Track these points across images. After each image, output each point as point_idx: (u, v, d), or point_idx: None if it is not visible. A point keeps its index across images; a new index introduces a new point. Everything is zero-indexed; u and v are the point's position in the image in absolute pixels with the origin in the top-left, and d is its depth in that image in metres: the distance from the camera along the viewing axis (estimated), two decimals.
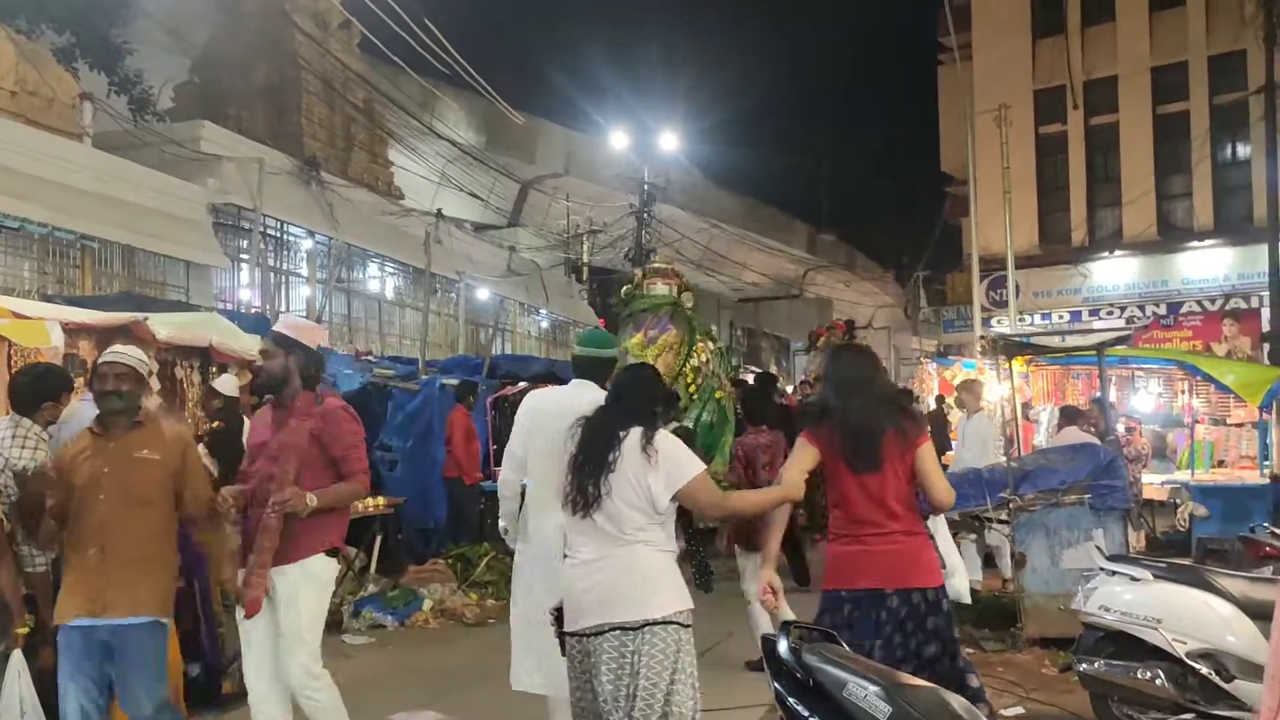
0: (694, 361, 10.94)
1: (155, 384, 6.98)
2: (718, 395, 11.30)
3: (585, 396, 4.40)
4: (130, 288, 12.44)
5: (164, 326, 6.88)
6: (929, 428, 5.49)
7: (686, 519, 8.73)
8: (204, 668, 5.96)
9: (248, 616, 4.16)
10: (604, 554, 3.56)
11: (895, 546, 3.88)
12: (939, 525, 4.15)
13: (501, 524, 4.87)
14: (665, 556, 3.61)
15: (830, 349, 4.70)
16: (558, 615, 3.69)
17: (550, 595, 4.04)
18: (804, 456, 3.99)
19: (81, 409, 4.99)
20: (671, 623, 3.48)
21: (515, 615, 4.74)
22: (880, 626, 3.83)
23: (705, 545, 7.58)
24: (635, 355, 10.93)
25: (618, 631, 3.45)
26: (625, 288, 12.16)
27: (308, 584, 4.24)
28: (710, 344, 11.25)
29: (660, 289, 11.54)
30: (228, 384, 7.43)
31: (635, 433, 3.58)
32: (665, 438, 3.63)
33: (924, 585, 3.90)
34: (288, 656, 4.22)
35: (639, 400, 3.72)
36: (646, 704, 3.41)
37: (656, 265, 12.45)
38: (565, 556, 3.79)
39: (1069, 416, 9.27)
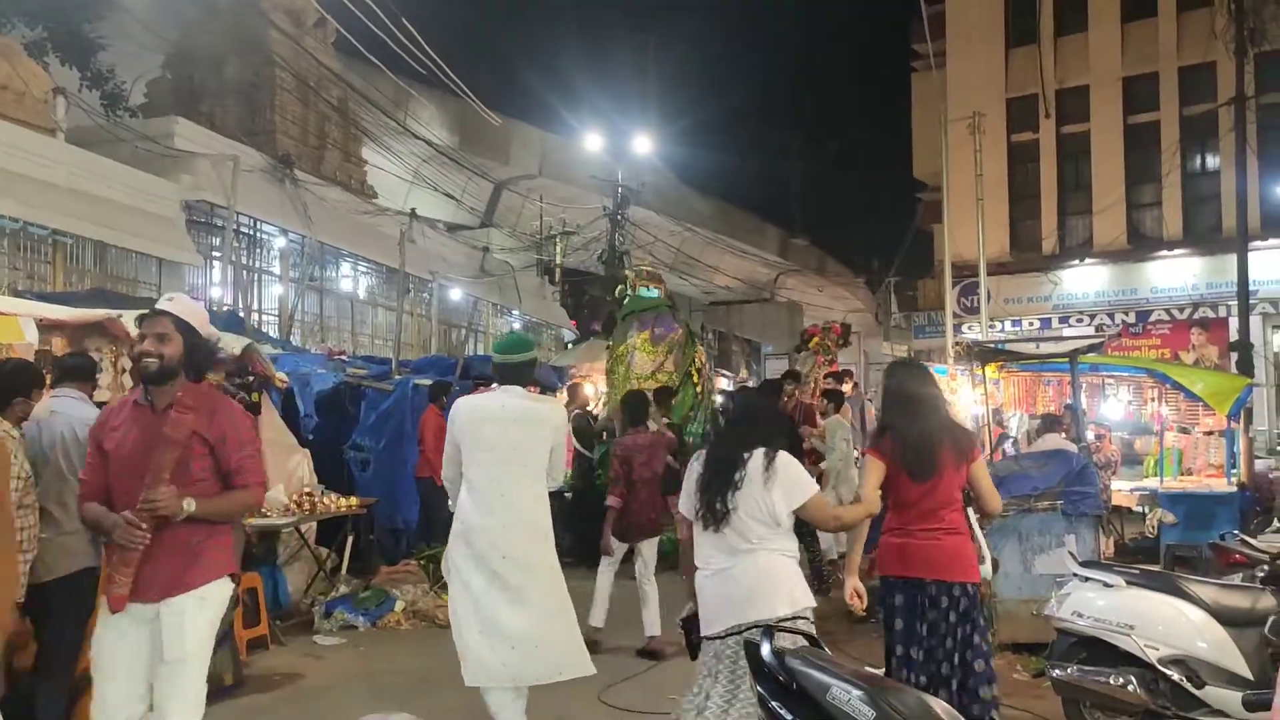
0: (697, 363, 11.36)
1: (128, 381, 6.92)
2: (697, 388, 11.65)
3: (514, 401, 4.83)
4: (102, 284, 12.30)
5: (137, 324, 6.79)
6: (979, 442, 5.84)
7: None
8: None
9: (113, 612, 3.62)
10: (735, 562, 3.89)
11: (936, 543, 4.31)
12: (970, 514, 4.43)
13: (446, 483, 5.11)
14: (789, 560, 3.95)
15: (888, 365, 5.29)
16: (687, 624, 4.06)
17: (489, 588, 4.61)
18: (874, 472, 4.40)
19: (58, 404, 4.91)
20: (800, 618, 3.80)
21: (464, 611, 4.77)
22: (925, 612, 4.29)
23: None
24: (644, 352, 11.24)
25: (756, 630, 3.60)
26: (619, 287, 12.55)
27: (201, 611, 3.71)
28: (703, 349, 11.76)
29: (652, 290, 11.98)
30: None
31: (758, 454, 3.95)
32: (785, 458, 3.99)
33: (961, 580, 4.31)
34: (171, 688, 3.68)
35: (757, 425, 4.15)
36: None
37: (646, 268, 12.87)
38: (695, 568, 4.07)
39: (1049, 424, 9.37)
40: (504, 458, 4.76)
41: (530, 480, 4.82)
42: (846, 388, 11.87)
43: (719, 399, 12.36)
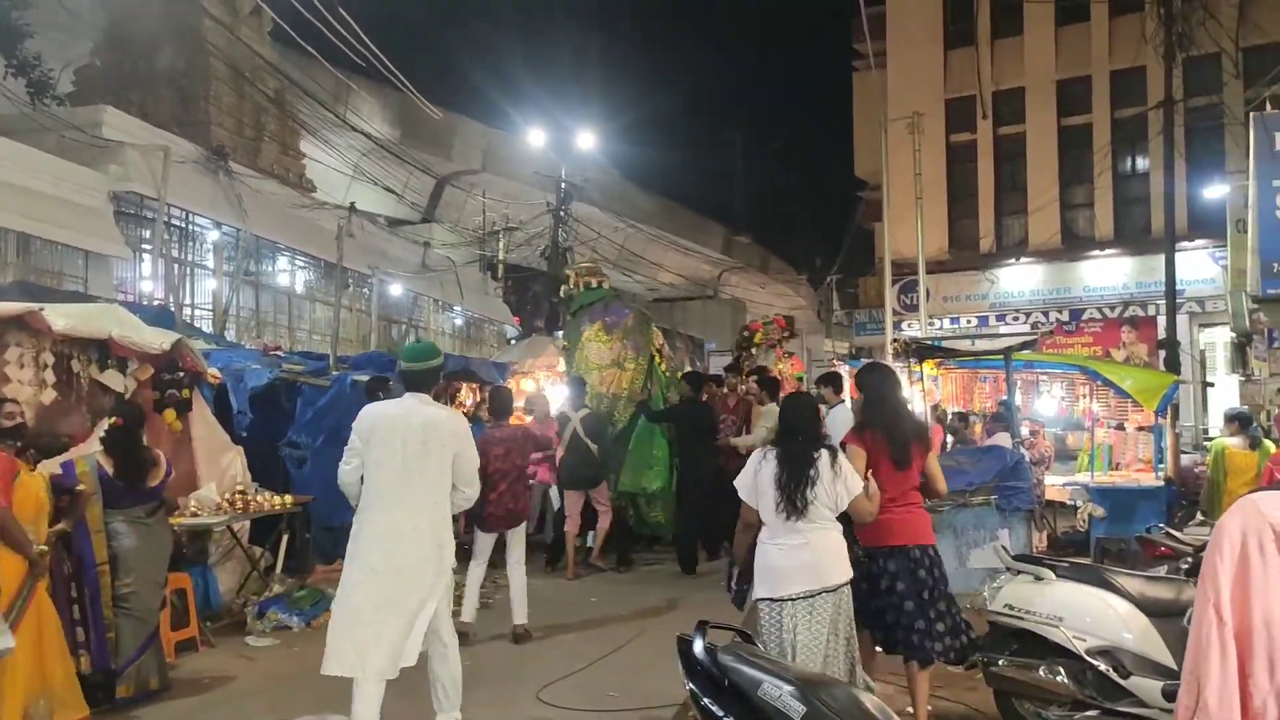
0: (655, 343, 11.39)
1: (50, 377, 6.73)
2: (663, 369, 11.65)
3: (419, 409, 5.06)
4: (25, 277, 11.95)
5: (61, 317, 6.60)
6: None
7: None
8: (102, 670, 5.76)
9: None
10: (806, 540, 4.70)
11: (912, 516, 5.32)
12: None
13: (341, 482, 5.22)
14: (842, 537, 4.85)
15: (864, 367, 6.26)
16: (739, 588, 5.00)
17: (369, 584, 4.84)
18: (861, 460, 5.16)
19: None
20: (850, 583, 4.81)
21: (354, 604, 4.90)
22: (913, 570, 5.23)
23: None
24: (599, 342, 11.23)
25: (826, 593, 4.64)
26: (563, 288, 12.46)
27: None
28: (657, 330, 11.79)
29: (593, 285, 11.97)
30: (115, 379, 7.16)
31: (825, 455, 4.77)
32: (844, 457, 4.86)
33: (931, 542, 5.38)
34: None
35: (817, 431, 5.01)
36: (847, 642, 4.77)
37: (585, 265, 12.86)
38: (762, 544, 4.84)
39: (1000, 420, 9.51)
40: (406, 463, 4.92)
41: (430, 485, 4.97)
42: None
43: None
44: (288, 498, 8.61)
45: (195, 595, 7.34)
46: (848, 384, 15.19)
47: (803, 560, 4.70)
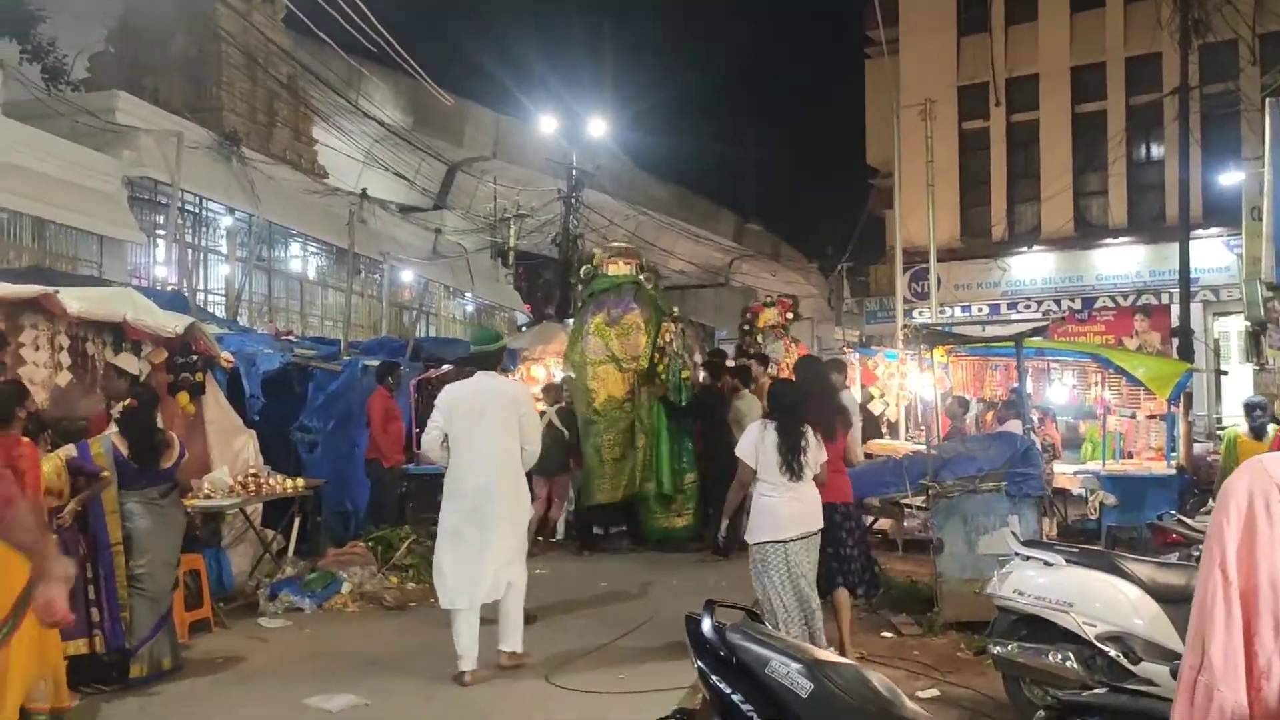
0: (660, 341, 10.88)
1: (65, 359, 6.78)
2: (684, 375, 11.30)
3: (489, 384, 6.28)
4: (40, 261, 12.01)
5: (76, 300, 6.65)
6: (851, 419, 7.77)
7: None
8: (116, 650, 5.82)
9: None
10: (799, 495, 5.98)
11: (838, 480, 6.53)
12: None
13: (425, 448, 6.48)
14: (818, 493, 6.14)
15: (799, 360, 7.71)
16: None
17: (473, 530, 5.98)
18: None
19: None
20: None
21: (458, 551, 6.01)
22: (839, 522, 6.51)
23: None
24: (599, 335, 10.84)
25: (812, 535, 6.04)
26: (585, 267, 11.95)
27: None
28: (673, 324, 11.25)
29: (621, 269, 11.36)
30: (130, 362, 7.20)
31: (809, 429, 6.07)
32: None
33: (849, 501, 6.74)
34: None
35: (804, 409, 6.16)
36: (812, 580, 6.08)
37: (617, 245, 12.08)
38: (758, 496, 6.07)
39: (1012, 408, 9.49)
40: (482, 429, 6.05)
41: (503, 445, 6.11)
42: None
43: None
44: (299, 481, 8.67)
45: (209, 577, 7.40)
46: (859, 372, 15.23)
47: (797, 511, 5.97)
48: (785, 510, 5.94)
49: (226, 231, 17.08)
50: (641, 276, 11.38)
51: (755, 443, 6.03)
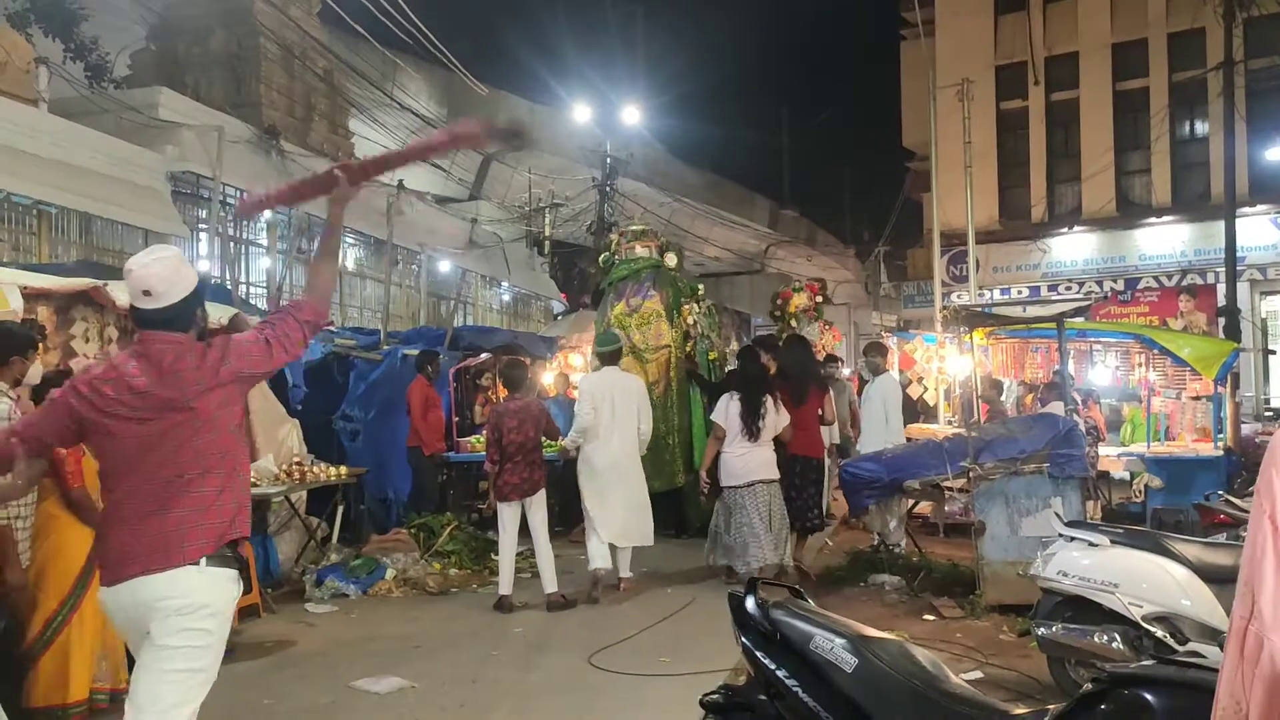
0: (684, 325, 10.58)
1: (115, 351, 6.90)
2: (711, 356, 11.08)
3: (618, 378, 8.21)
4: (88, 255, 12.21)
5: (124, 292, 6.75)
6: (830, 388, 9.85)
7: None
8: None
9: None
10: (753, 450, 7.94)
11: (807, 436, 8.50)
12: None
13: (571, 441, 8.15)
14: (773, 452, 8.09)
15: (784, 339, 9.72)
16: (710, 483, 8.39)
17: (611, 487, 7.99)
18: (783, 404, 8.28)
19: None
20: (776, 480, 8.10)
21: (594, 506, 7.96)
22: (796, 474, 8.40)
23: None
24: (619, 325, 10.40)
25: (767, 483, 8.00)
26: (603, 255, 11.64)
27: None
28: (696, 305, 10.97)
29: (639, 252, 11.00)
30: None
31: (769, 399, 8.00)
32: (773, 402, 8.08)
33: (813, 455, 8.65)
34: None
35: (763, 383, 8.20)
36: (780, 519, 8.01)
37: (634, 228, 11.56)
38: (722, 454, 8.09)
39: (1054, 390, 9.41)
40: (614, 412, 7.96)
41: (630, 424, 8.06)
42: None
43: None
44: (343, 469, 8.79)
45: (256, 563, 7.51)
46: (897, 357, 15.13)
47: (751, 464, 7.92)
48: (739, 464, 7.93)
49: (267, 224, 17.27)
50: (665, 257, 11.11)
51: (724, 410, 8.06)
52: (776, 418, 7.98)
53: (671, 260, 11.20)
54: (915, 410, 13.21)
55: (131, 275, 3.11)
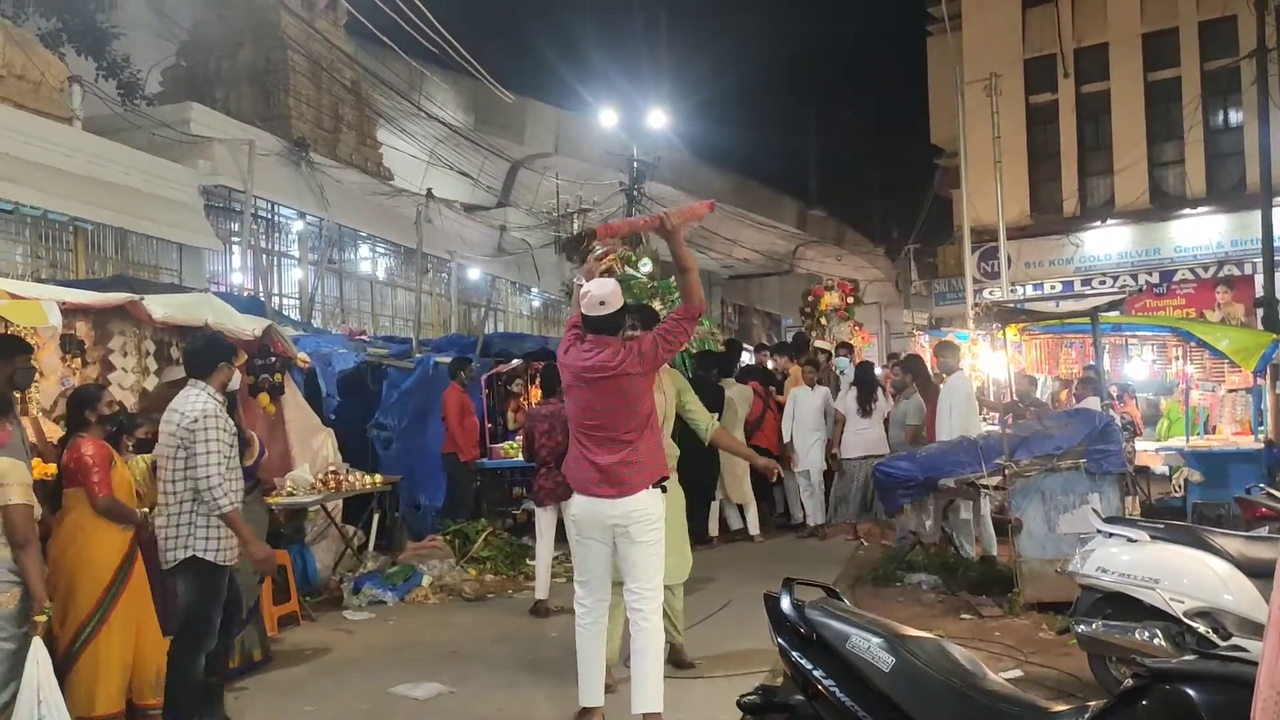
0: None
1: (153, 364, 7.00)
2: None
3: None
4: (123, 270, 12.39)
5: (160, 306, 6.85)
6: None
7: None
8: None
9: None
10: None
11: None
12: None
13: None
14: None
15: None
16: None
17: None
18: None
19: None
20: None
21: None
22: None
23: None
24: None
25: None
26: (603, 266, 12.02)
27: None
28: (670, 296, 11.11)
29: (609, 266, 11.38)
30: (175, 372, 7.35)
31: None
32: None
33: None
34: None
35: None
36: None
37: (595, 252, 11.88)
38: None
39: (1089, 385, 9.32)
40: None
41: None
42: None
43: None
44: (378, 477, 8.84)
45: (294, 572, 7.59)
46: (927, 355, 15.00)
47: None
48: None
49: (298, 236, 17.45)
50: (628, 269, 11.25)
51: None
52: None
53: (645, 266, 11.33)
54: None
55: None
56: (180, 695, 4.82)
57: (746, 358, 13.53)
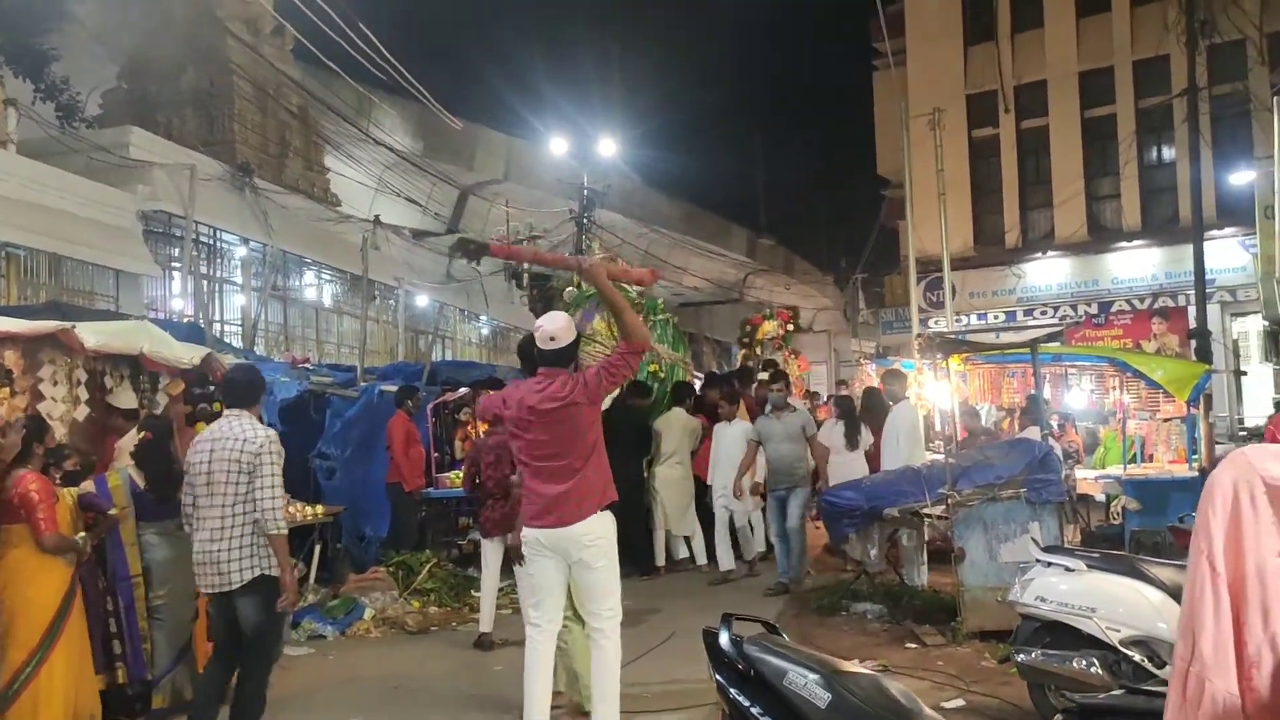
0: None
1: (84, 394, 6.82)
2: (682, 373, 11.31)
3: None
4: (58, 297, 12.13)
5: (93, 335, 6.67)
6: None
7: None
8: (139, 681, 5.83)
9: None
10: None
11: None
12: None
13: None
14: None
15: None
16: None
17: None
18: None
19: None
20: None
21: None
22: None
23: None
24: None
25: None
26: (568, 290, 11.95)
27: None
28: (653, 316, 11.16)
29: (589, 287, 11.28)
30: (127, 398, 7.19)
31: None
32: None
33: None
34: None
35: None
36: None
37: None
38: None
39: (1030, 415, 9.45)
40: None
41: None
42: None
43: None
44: (319, 508, 8.70)
45: None
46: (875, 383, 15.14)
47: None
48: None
49: (241, 262, 17.21)
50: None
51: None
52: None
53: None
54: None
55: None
56: (258, 710, 5.01)
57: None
